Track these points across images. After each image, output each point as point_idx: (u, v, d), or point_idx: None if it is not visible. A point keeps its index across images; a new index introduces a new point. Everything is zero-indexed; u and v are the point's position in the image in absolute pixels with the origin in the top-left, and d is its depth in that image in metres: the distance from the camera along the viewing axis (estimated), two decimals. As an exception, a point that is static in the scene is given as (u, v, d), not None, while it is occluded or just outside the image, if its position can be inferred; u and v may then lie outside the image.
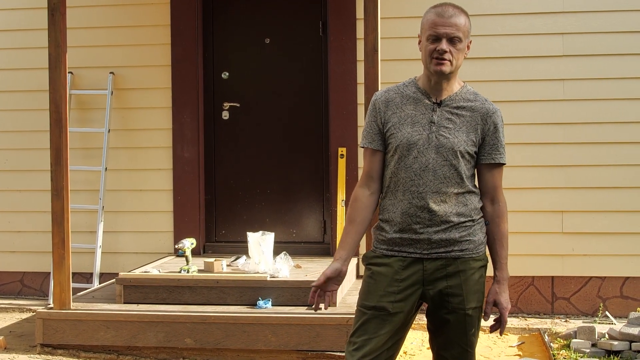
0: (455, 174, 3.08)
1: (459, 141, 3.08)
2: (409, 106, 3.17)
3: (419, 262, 3.10)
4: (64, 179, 5.45)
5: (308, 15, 7.03)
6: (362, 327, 3.09)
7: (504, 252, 3.19)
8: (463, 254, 3.10)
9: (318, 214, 7.04)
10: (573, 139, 6.55)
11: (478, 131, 3.12)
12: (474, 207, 3.13)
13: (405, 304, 3.09)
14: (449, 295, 3.09)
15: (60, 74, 5.42)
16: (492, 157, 3.15)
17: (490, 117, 3.14)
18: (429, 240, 3.08)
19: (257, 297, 5.48)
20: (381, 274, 3.13)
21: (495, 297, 3.17)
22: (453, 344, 3.14)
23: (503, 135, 3.18)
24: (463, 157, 3.09)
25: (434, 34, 3.06)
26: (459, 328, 3.11)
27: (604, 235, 6.52)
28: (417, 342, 5.77)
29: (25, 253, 7.25)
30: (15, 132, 7.24)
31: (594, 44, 6.53)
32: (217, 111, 7.13)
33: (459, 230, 3.09)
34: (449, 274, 3.09)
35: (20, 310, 6.78)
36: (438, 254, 3.09)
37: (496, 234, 3.18)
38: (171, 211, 7.03)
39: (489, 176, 3.17)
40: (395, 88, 3.25)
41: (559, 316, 6.55)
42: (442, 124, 3.11)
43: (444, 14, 3.07)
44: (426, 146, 3.09)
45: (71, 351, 5.44)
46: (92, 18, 7.12)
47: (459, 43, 3.08)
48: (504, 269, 3.19)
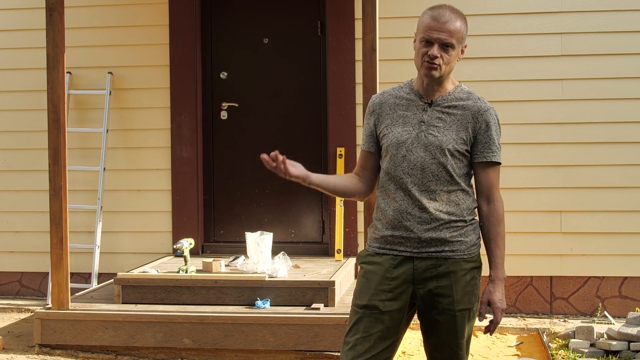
0: (444, 172, 3.08)
1: (448, 139, 3.08)
2: (402, 107, 3.19)
3: (409, 260, 3.10)
4: (62, 179, 5.44)
5: (306, 15, 7.03)
6: (355, 326, 3.10)
7: (499, 251, 3.16)
8: (454, 254, 3.09)
9: (317, 214, 7.04)
10: (571, 138, 6.55)
11: (469, 129, 3.11)
12: (466, 207, 3.13)
13: (397, 303, 3.09)
14: (438, 296, 3.08)
15: (58, 74, 5.42)
16: (485, 155, 3.13)
17: (481, 115, 3.12)
18: (419, 239, 3.08)
19: (255, 297, 5.48)
20: (373, 272, 3.14)
21: (488, 296, 3.14)
22: (444, 345, 3.13)
23: (497, 134, 3.16)
24: (452, 155, 3.09)
25: (428, 37, 3.06)
26: (449, 329, 3.10)
27: (603, 235, 6.52)
28: (415, 342, 5.77)
29: (23, 253, 7.25)
30: (13, 132, 7.23)
31: (592, 43, 6.53)
32: (216, 111, 7.13)
33: (449, 230, 3.09)
34: (439, 274, 3.09)
35: (19, 310, 6.77)
36: (428, 253, 3.09)
37: (491, 234, 3.16)
38: (169, 211, 7.02)
39: (482, 175, 3.16)
40: (390, 90, 3.27)
41: (557, 316, 6.55)
42: (432, 123, 3.11)
43: (440, 19, 3.05)
44: (415, 144, 3.10)
45: (69, 351, 5.43)
46: (91, 18, 7.12)
47: (452, 49, 3.07)
48: (499, 268, 3.16)
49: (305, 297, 5.46)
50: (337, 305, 5.44)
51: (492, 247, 3.17)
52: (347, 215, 6.67)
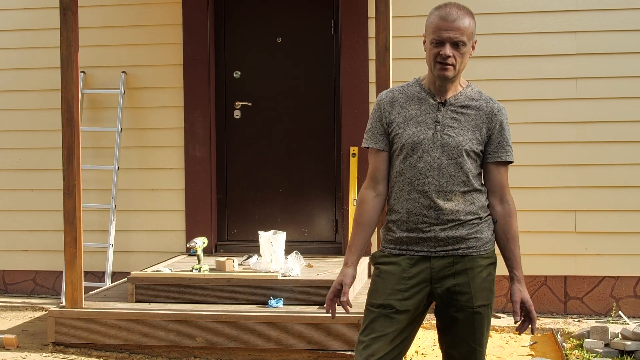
0: (461, 172, 3.07)
1: (464, 140, 3.08)
2: (414, 106, 3.17)
3: (426, 260, 3.10)
4: (76, 178, 5.46)
5: (319, 14, 7.02)
6: (370, 325, 3.09)
7: (519, 250, 3.18)
8: (470, 251, 3.09)
9: (330, 213, 7.03)
10: (586, 138, 6.52)
11: (483, 130, 3.12)
12: (480, 205, 3.13)
13: (413, 302, 3.09)
14: (456, 293, 3.09)
15: (72, 74, 5.43)
16: (499, 155, 3.14)
17: (495, 116, 3.13)
18: (436, 238, 3.07)
19: (268, 296, 5.48)
20: (389, 272, 3.13)
21: (520, 295, 3.16)
22: (462, 342, 3.13)
23: (509, 134, 3.17)
24: (469, 156, 3.09)
25: (438, 38, 3.05)
26: (468, 326, 3.10)
27: (617, 235, 6.49)
28: (428, 341, 5.76)
29: (37, 252, 7.28)
30: (27, 131, 7.26)
31: (606, 42, 6.50)
32: (229, 110, 7.13)
33: (466, 227, 3.08)
34: (456, 272, 3.09)
35: (33, 308, 6.80)
36: (445, 251, 3.09)
37: (509, 233, 3.17)
38: (183, 210, 7.04)
39: (496, 174, 3.16)
40: (399, 88, 3.26)
41: (571, 316, 6.53)
42: (447, 123, 3.11)
43: (448, 18, 3.04)
44: (431, 145, 3.09)
45: (83, 350, 5.45)
46: (104, 17, 7.14)
47: (463, 47, 3.06)
48: (521, 267, 3.18)
49: (318, 296, 5.46)
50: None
51: (511, 247, 3.17)
52: (360, 214, 6.65)
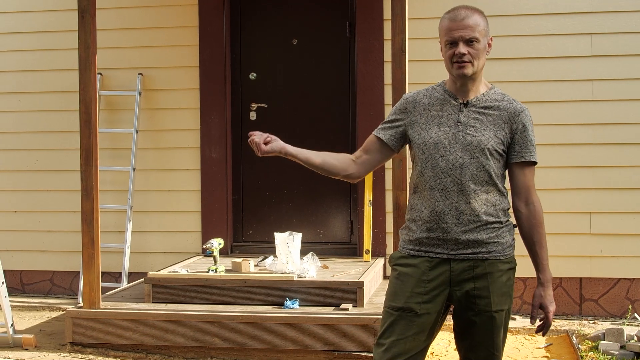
0: (483, 172, 3.08)
1: (487, 139, 3.09)
2: (437, 107, 3.19)
3: (446, 262, 3.10)
4: (93, 179, 5.50)
5: (335, 16, 7.04)
6: (390, 328, 3.10)
7: (545, 253, 3.18)
8: (491, 255, 3.10)
9: (345, 215, 7.05)
10: (602, 139, 6.51)
11: (506, 130, 3.12)
12: (502, 209, 3.13)
13: (433, 305, 3.10)
14: (475, 297, 3.09)
15: (90, 75, 5.47)
16: (523, 155, 3.13)
17: (518, 116, 3.14)
18: (457, 241, 3.08)
19: (284, 297, 5.50)
20: (408, 274, 3.14)
21: (540, 300, 3.17)
22: (480, 346, 3.14)
23: (533, 134, 3.17)
24: (491, 155, 3.09)
25: (450, 39, 3.10)
26: (486, 330, 3.11)
27: (633, 237, 6.47)
28: (444, 342, 5.76)
29: (55, 252, 7.33)
30: (45, 132, 7.32)
31: (622, 44, 6.48)
32: (245, 112, 7.16)
33: (487, 231, 3.09)
34: (476, 276, 3.09)
35: (50, 309, 6.84)
36: (465, 255, 3.09)
37: (534, 236, 3.17)
38: (199, 211, 7.07)
39: (520, 175, 3.15)
40: (424, 90, 3.28)
41: (587, 318, 6.51)
42: (469, 123, 3.11)
43: (457, 18, 3.10)
44: (453, 144, 3.10)
45: (100, 350, 5.48)
46: (121, 19, 7.18)
47: (477, 43, 3.09)
48: (547, 270, 3.18)
49: (334, 297, 5.48)
50: (365, 306, 5.45)
51: (537, 250, 3.18)
52: (375, 216, 6.67)
